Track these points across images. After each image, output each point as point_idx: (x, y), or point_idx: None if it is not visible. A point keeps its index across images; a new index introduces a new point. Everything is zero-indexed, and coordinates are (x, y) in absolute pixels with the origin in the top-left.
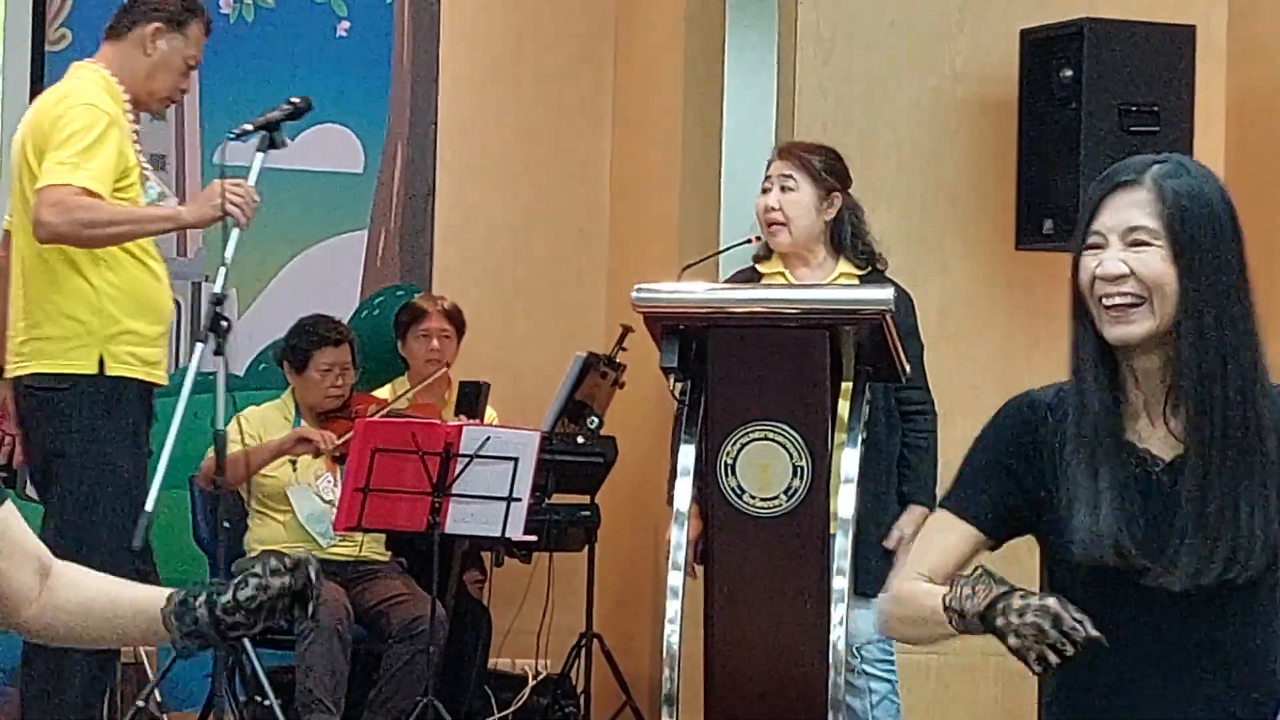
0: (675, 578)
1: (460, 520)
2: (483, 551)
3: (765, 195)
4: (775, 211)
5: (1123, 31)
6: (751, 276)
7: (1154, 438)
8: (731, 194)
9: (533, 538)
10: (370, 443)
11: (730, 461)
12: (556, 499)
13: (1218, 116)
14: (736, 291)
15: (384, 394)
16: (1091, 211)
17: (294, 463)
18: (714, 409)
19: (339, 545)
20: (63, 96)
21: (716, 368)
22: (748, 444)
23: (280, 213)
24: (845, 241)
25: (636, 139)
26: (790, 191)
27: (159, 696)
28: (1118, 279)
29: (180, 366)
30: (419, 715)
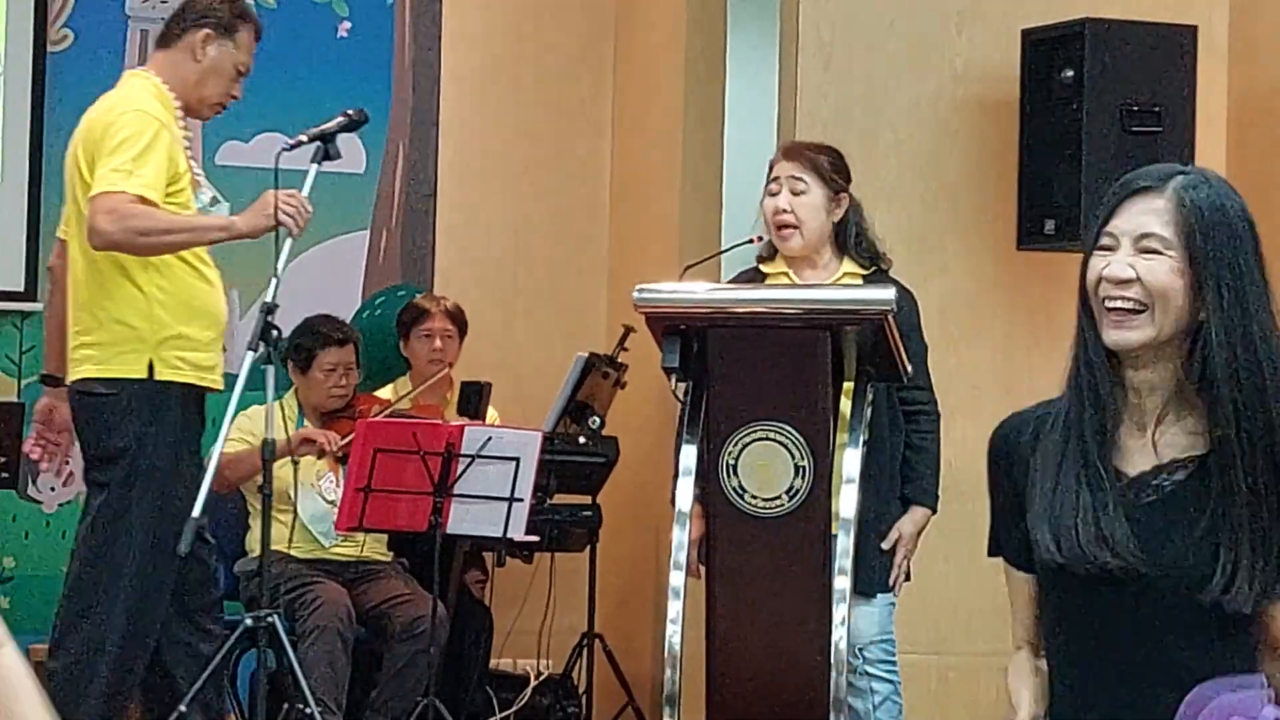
0: (677, 578)
1: (462, 520)
2: (484, 552)
3: (774, 197)
4: (787, 214)
5: (1124, 31)
6: (755, 277)
7: (1137, 449)
8: (733, 194)
9: (534, 538)
10: (372, 443)
11: (732, 462)
12: (558, 499)
13: (1219, 116)
14: (738, 292)
15: (386, 394)
16: (1108, 213)
17: (296, 463)
18: (715, 409)
19: (341, 545)
20: (113, 104)
21: (718, 368)
22: (749, 444)
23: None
24: (849, 241)
25: (637, 139)
26: (801, 194)
27: None
28: (1123, 283)
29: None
30: (420, 715)
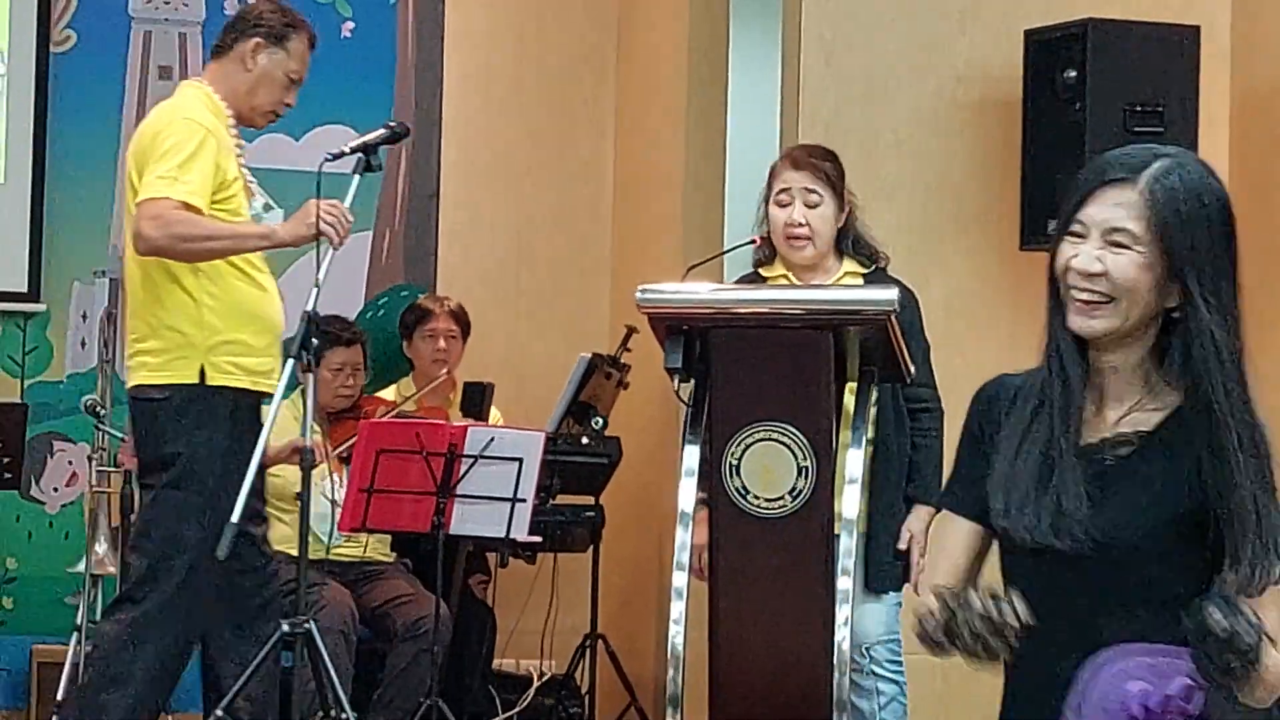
0: (680, 578)
1: (465, 521)
2: (487, 552)
3: (785, 209)
4: (802, 227)
5: (1127, 31)
6: (755, 280)
7: (1091, 424)
8: (735, 194)
9: (537, 538)
10: (375, 443)
11: (735, 462)
12: (561, 500)
13: (1222, 116)
14: (741, 292)
15: (389, 395)
16: (1079, 200)
17: None
18: (718, 410)
19: (344, 546)
20: (162, 113)
21: (721, 368)
22: (752, 444)
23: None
24: (848, 241)
25: (640, 139)
26: (816, 207)
27: None
28: (1091, 276)
29: None
30: (423, 716)
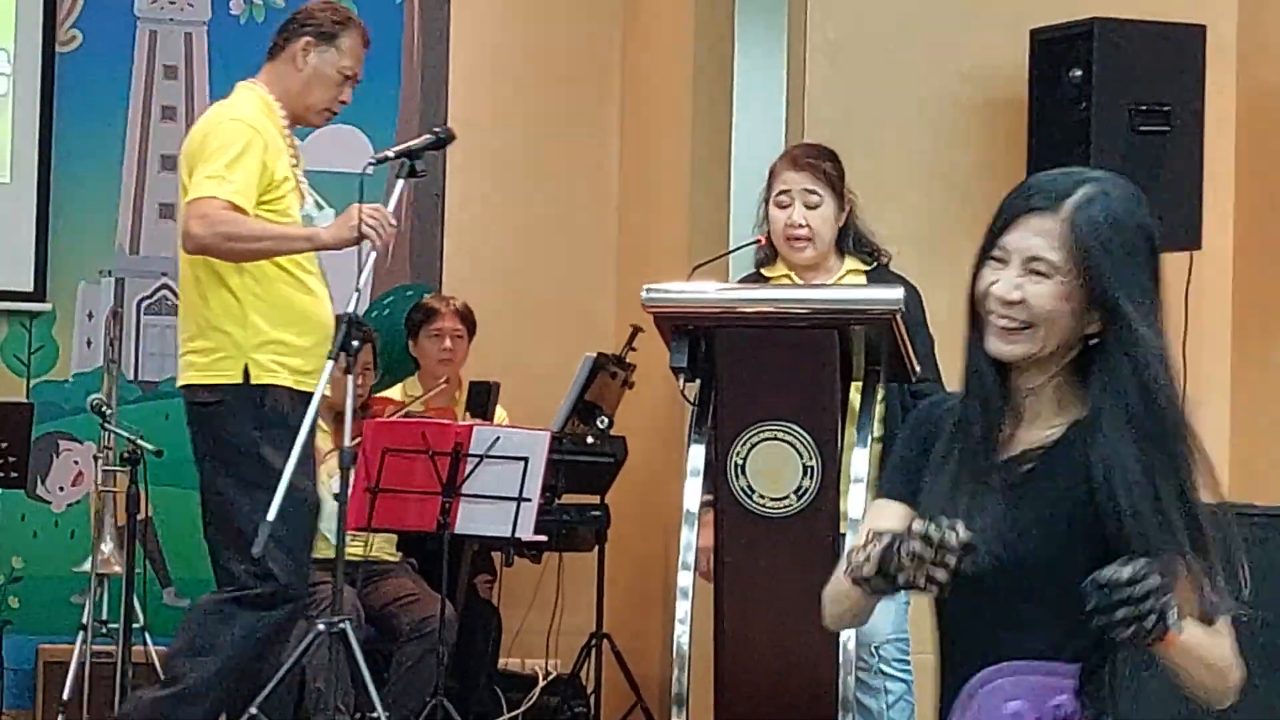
0: (685, 578)
1: (470, 520)
2: (493, 552)
3: (785, 210)
4: (802, 228)
5: (1133, 31)
6: (757, 280)
7: (1004, 443)
8: (740, 194)
9: (543, 538)
10: (380, 443)
11: (740, 462)
12: (566, 499)
13: (1228, 116)
14: (746, 291)
15: (394, 394)
16: (1002, 225)
17: None
18: (724, 409)
19: (349, 545)
20: (213, 114)
21: (726, 368)
22: (758, 444)
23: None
24: (849, 239)
25: (645, 139)
26: (816, 208)
27: None
28: (1010, 304)
29: None
30: (429, 715)
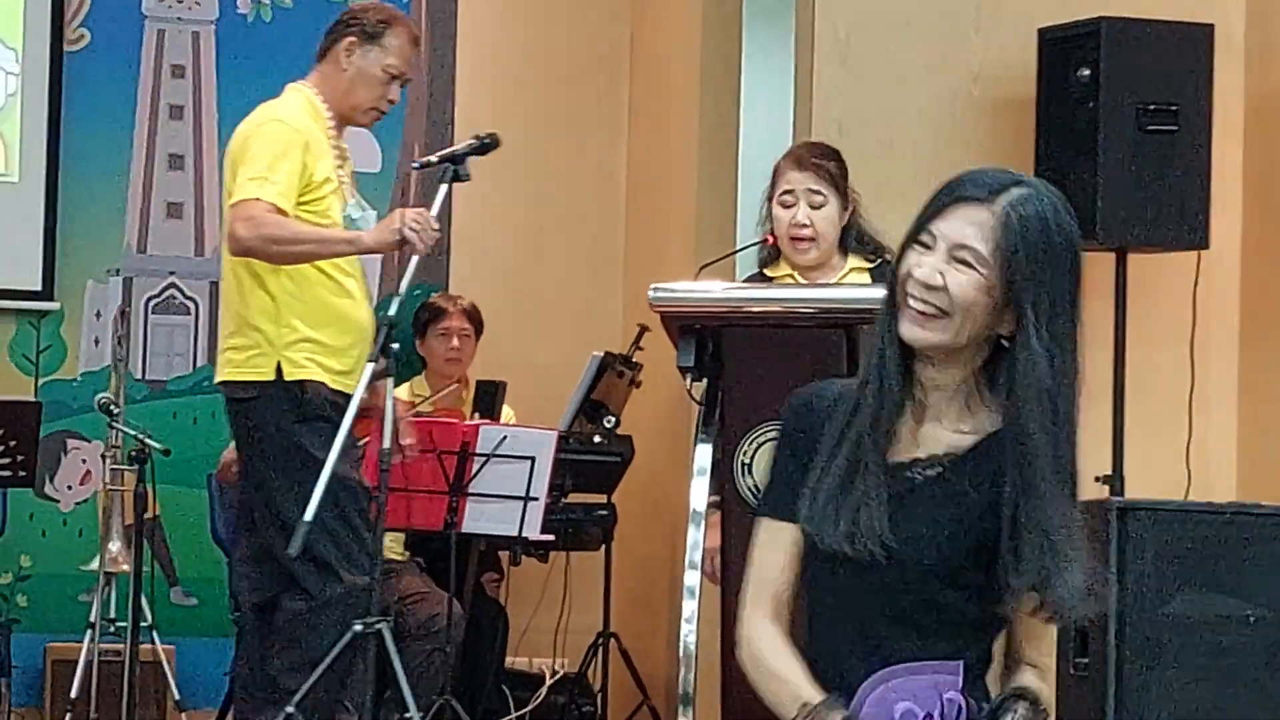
0: (692, 577)
1: (477, 519)
2: (500, 551)
3: (789, 210)
4: (806, 228)
5: (1141, 30)
6: (761, 280)
7: (907, 440)
8: (748, 193)
9: (550, 537)
10: None
11: (747, 461)
12: (573, 498)
13: (1236, 115)
14: (753, 291)
15: (402, 394)
16: (934, 211)
17: None
18: (731, 408)
19: None
20: (257, 115)
21: (733, 367)
22: (765, 443)
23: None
24: (852, 237)
25: (652, 138)
26: (820, 208)
27: (176, 694)
28: (930, 289)
29: None
30: (436, 714)
